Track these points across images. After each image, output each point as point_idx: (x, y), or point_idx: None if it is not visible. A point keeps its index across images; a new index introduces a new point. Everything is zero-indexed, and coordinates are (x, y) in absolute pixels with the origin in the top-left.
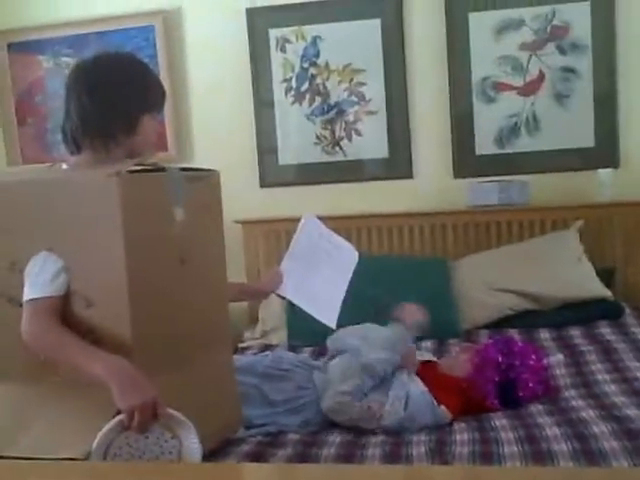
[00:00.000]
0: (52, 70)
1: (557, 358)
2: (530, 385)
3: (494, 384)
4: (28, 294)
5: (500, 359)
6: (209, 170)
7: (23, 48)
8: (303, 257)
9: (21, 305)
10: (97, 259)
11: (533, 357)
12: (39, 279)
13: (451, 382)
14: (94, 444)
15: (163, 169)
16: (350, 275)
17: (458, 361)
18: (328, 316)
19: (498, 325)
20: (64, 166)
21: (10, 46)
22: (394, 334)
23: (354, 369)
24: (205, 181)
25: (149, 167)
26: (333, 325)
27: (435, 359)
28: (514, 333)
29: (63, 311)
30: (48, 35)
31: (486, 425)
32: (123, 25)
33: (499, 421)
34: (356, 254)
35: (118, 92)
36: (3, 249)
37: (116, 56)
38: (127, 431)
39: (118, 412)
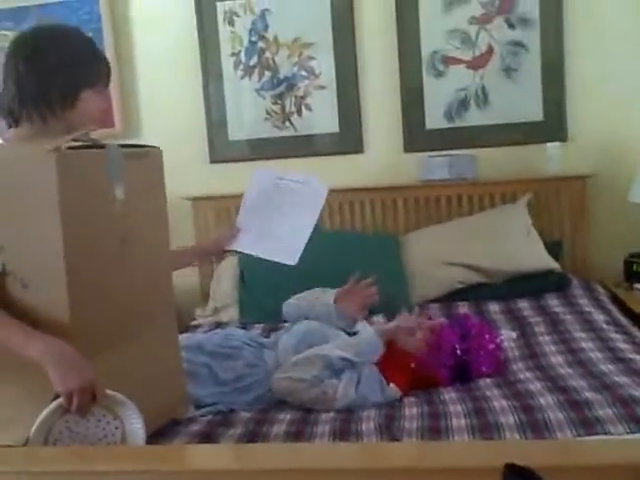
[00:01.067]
0: None
1: (509, 335)
2: (483, 369)
3: (448, 368)
4: None
5: (457, 345)
6: (151, 147)
7: None
8: (258, 208)
9: None
10: (33, 239)
11: (487, 337)
12: None
13: (402, 361)
14: (32, 429)
15: (103, 146)
16: (319, 209)
17: (413, 339)
18: (287, 255)
19: (448, 299)
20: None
21: None
22: (364, 341)
23: (313, 358)
24: (147, 158)
25: (88, 143)
26: (292, 262)
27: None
28: (464, 306)
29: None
30: None
31: (435, 399)
32: None
33: (448, 394)
34: (324, 187)
35: (56, 62)
36: None
37: (57, 27)
38: (67, 415)
39: (57, 396)
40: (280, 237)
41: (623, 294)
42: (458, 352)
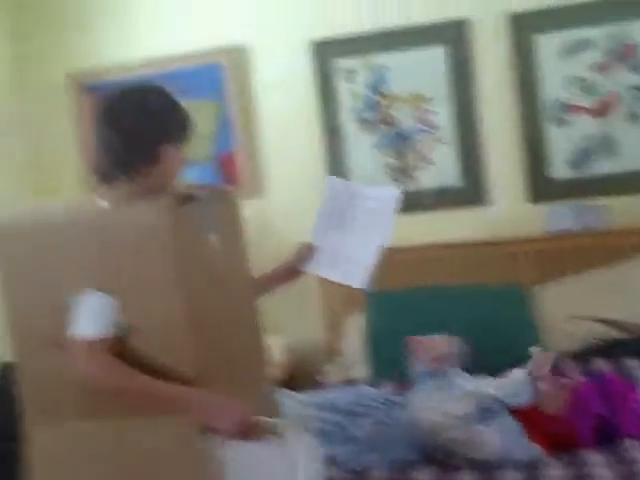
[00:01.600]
0: None
1: None
2: (628, 429)
3: (590, 428)
4: (80, 333)
5: (597, 403)
6: (226, 188)
7: (93, 88)
8: (331, 225)
9: (67, 347)
10: (149, 291)
11: (630, 396)
12: (90, 318)
13: (540, 419)
14: None
15: (191, 196)
16: (390, 223)
17: (550, 397)
18: (356, 277)
19: (583, 354)
20: (96, 199)
21: (81, 87)
22: (516, 382)
23: (467, 395)
24: (227, 201)
25: (185, 197)
26: (360, 285)
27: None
28: (601, 363)
29: (117, 345)
30: (117, 76)
31: (578, 460)
32: (191, 64)
33: (592, 456)
34: (394, 195)
35: (136, 124)
36: (48, 293)
37: (136, 88)
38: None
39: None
40: (352, 258)
41: None
42: (599, 412)
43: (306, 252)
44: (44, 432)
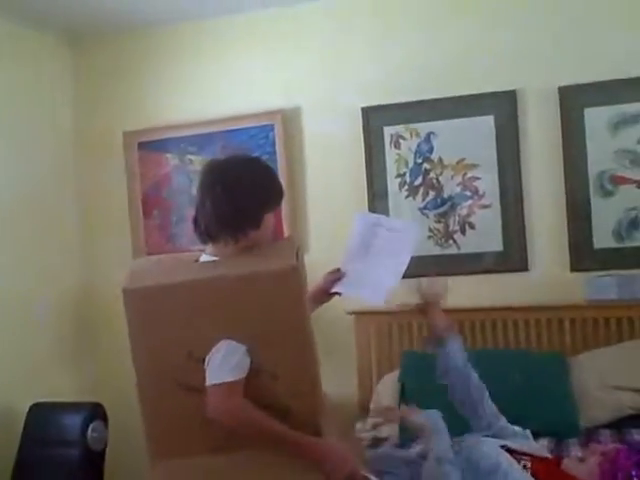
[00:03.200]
0: (178, 166)
1: None
2: None
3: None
4: (217, 378)
5: (634, 472)
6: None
7: (152, 147)
8: (357, 252)
9: (198, 391)
10: (281, 336)
11: None
12: (225, 364)
13: None
14: None
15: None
16: (410, 250)
17: (586, 464)
18: (376, 294)
19: (619, 424)
20: (204, 255)
21: (140, 145)
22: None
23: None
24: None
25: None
26: (378, 301)
27: (549, 456)
28: (636, 433)
29: (249, 386)
30: (175, 134)
31: None
32: (244, 124)
33: None
34: (415, 228)
35: (250, 191)
36: (181, 340)
37: (246, 158)
38: None
39: None
40: (374, 280)
41: None
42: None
43: (334, 275)
44: (171, 465)
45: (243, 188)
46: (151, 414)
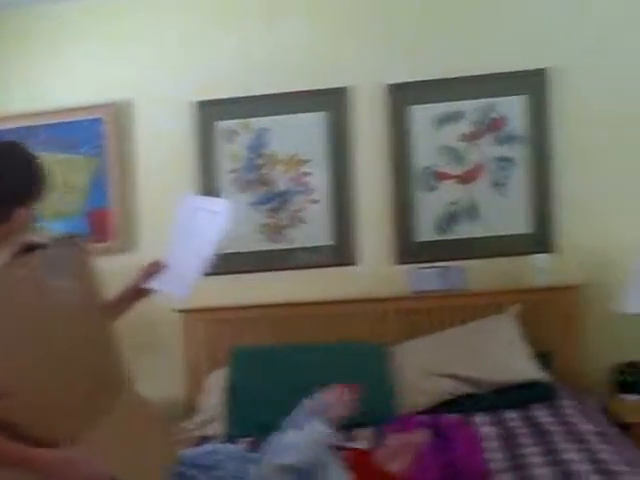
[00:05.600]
0: None
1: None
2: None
3: (437, 468)
4: None
5: (438, 457)
6: (74, 235)
7: None
8: (179, 239)
9: None
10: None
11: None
12: None
13: (386, 477)
14: None
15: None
16: (219, 230)
17: (396, 454)
18: (180, 288)
19: (436, 410)
20: None
21: None
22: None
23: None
24: (76, 246)
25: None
26: (181, 294)
27: (367, 448)
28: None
29: None
30: None
31: None
32: (73, 117)
33: None
34: (226, 206)
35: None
36: None
37: (4, 146)
38: None
39: None
40: (181, 271)
41: (612, 404)
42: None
43: (150, 270)
44: None
45: None
46: None
